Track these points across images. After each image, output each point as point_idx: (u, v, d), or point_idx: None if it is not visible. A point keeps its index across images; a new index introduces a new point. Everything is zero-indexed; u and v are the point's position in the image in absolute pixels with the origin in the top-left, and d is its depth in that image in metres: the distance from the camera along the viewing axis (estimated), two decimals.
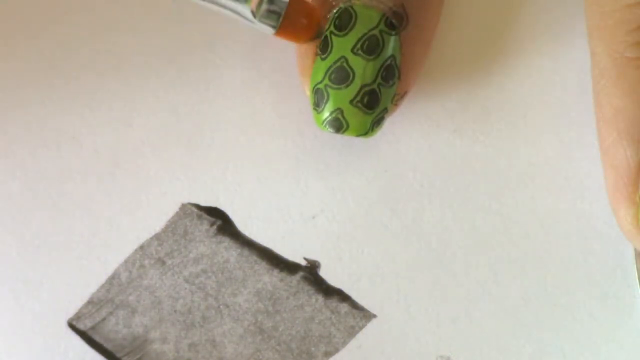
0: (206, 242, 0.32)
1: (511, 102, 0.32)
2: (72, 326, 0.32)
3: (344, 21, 0.29)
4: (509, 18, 0.32)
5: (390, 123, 0.32)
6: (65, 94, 0.32)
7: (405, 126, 0.32)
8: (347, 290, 0.32)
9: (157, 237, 0.32)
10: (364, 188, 0.32)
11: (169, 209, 0.32)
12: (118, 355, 0.32)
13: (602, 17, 0.30)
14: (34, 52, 0.33)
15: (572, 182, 0.31)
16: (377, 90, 0.29)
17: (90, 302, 0.32)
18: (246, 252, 0.32)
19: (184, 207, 0.32)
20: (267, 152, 0.32)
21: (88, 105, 0.32)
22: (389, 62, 0.29)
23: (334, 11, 0.30)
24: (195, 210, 0.32)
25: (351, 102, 0.29)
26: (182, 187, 0.32)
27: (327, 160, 0.32)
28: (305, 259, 0.32)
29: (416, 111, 0.32)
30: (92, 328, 0.32)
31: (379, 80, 0.29)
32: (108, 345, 0.32)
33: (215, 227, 0.32)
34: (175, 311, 0.32)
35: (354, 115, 0.29)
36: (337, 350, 0.31)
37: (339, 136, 0.32)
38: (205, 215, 0.32)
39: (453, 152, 0.32)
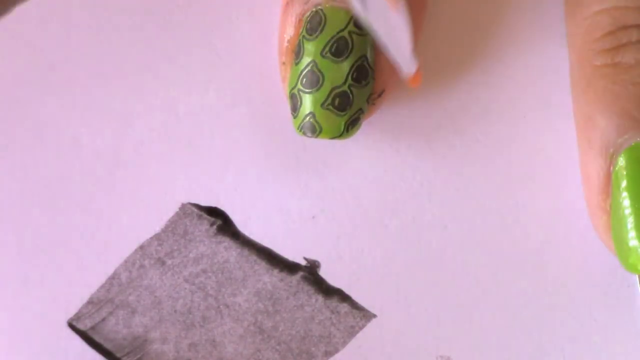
0: (206, 242, 0.32)
1: (511, 102, 0.32)
2: (72, 326, 0.32)
3: (314, 24, 0.29)
4: (510, 18, 0.32)
5: (390, 123, 0.32)
6: (65, 94, 0.32)
7: (405, 126, 0.32)
8: (347, 290, 0.32)
9: (157, 237, 0.32)
10: (364, 188, 0.32)
11: (169, 209, 0.32)
12: (118, 355, 0.32)
13: (574, 25, 0.30)
14: (34, 52, 0.33)
15: (572, 182, 0.31)
16: (349, 91, 0.29)
17: (90, 302, 0.32)
18: (246, 252, 0.32)
19: (184, 207, 0.32)
20: (267, 152, 0.32)
21: (88, 105, 0.32)
22: (359, 62, 0.29)
23: (306, 15, 0.30)
24: (195, 210, 0.32)
25: (322, 105, 0.29)
26: (182, 187, 0.32)
27: (327, 160, 0.32)
28: (305, 259, 0.32)
29: (416, 111, 0.32)
30: (92, 328, 0.32)
31: (349, 81, 0.29)
32: (108, 345, 0.32)
33: (215, 227, 0.32)
34: (175, 311, 0.32)
35: (326, 118, 0.29)
36: (337, 350, 0.31)
37: None
38: (205, 215, 0.32)
39: (453, 152, 0.32)
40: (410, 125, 0.32)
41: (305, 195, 0.32)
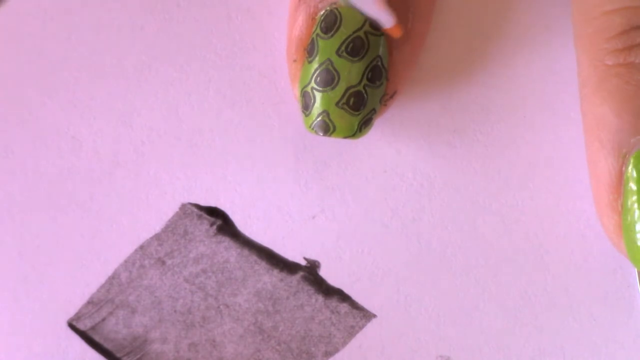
0: (206, 242, 0.32)
1: (511, 102, 0.32)
2: (72, 326, 0.32)
3: (329, 23, 0.29)
4: (509, 18, 0.32)
5: (390, 123, 0.32)
6: (65, 94, 0.33)
7: (405, 126, 0.32)
8: (347, 290, 0.32)
9: (157, 237, 0.32)
10: (364, 188, 0.32)
11: (169, 209, 0.32)
12: (118, 355, 0.32)
13: (583, 24, 0.30)
14: (34, 52, 0.33)
15: (572, 182, 0.31)
16: (363, 91, 0.29)
17: (90, 302, 0.32)
18: (246, 252, 0.32)
19: (184, 207, 0.32)
20: (267, 152, 0.32)
21: (88, 105, 0.32)
22: (375, 63, 0.29)
23: (321, 13, 0.30)
24: (195, 210, 0.32)
25: (337, 104, 0.29)
26: (182, 187, 0.32)
27: (327, 160, 0.32)
28: (305, 258, 0.32)
29: (416, 111, 0.32)
30: (92, 328, 0.32)
31: (364, 81, 0.29)
32: (108, 345, 0.32)
33: (215, 227, 0.32)
34: (175, 311, 0.32)
35: (340, 117, 0.29)
36: (337, 350, 0.31)
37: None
38: (205, 215, 0.32)
39: (453, 152, 0.32)
40: (410, 125, 0.32)
41: (305, 195, 0.32)
